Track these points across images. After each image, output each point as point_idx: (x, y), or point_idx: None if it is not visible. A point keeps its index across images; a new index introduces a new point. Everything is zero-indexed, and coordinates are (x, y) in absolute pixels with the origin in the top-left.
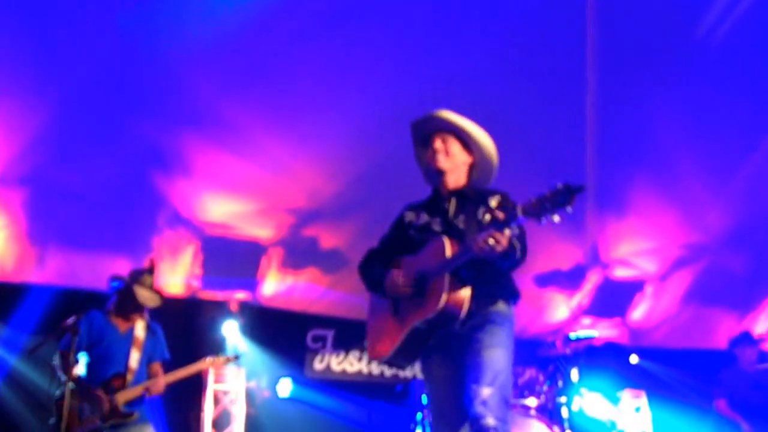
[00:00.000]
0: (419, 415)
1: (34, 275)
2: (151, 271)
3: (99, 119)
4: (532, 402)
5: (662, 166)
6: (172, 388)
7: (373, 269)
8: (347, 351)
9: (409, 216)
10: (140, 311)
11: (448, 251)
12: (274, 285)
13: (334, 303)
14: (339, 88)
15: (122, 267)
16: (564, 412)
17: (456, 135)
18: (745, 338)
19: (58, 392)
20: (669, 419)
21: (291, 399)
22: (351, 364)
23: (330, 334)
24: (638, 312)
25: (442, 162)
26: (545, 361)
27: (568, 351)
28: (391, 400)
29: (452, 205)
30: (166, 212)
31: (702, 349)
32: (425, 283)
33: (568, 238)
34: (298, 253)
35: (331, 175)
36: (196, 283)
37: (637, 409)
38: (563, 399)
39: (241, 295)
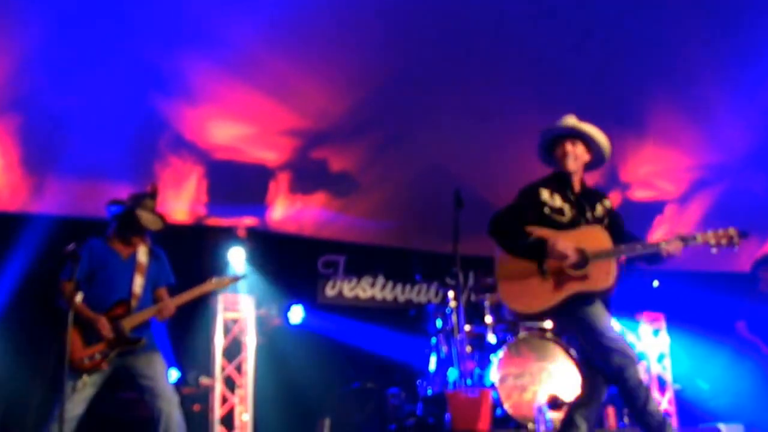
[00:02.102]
0: (433, 340)
1: (32, 205)
2: (152, 194)
3: (96, 41)
4: (548, 325)
5: (683, 84)
6: (181, 317)
7: (522, 234)
8: (359, 277)
9: (545, 195)
10: (142, 235)
11: (608, 242)
12: (282, 210)
13: (345, 227)
14: (347, 6)
15: (123, 194)
16: None
17: (582, 139)
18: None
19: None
20: (688, 343)
21: (302, 326)
22: (363, 290)
23: (341, 260)
24: (658, 234)
25: (571, 164)
26: None
27: None
28: (405, 325)
29: (579, 198)
30: (168, 137)
31: (724, 271)
32: (586, 259)
33: None
34: (307, 176)
35: (338, 96)
36: (201, 210)
37: (656, 333)
38: None
39: (248, 221)
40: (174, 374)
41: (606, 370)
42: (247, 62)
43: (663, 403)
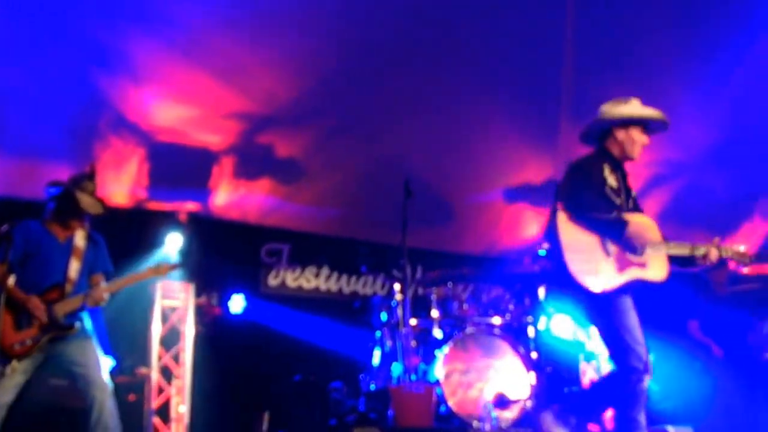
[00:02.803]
0: (378, 334)
1: None
2: (92, 176)
3: (36, 15)
4: (497, 321)
5: (644, 80)
6: (117, 303)
7: (608, 213)
8: (304, 266)
9: (607, 172)
10: (81, 218)
11: (659, 233)
12: (226, 195)
13: (290, 216)
14: None
15: (62, 175)
16: (530, 332)
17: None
18: (719, 261)
19: None
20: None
21: (244, 316)
22: (308, 280)
23: (286, 249)
24: None
25: (639, 154)
26: (512, 279)
27: (536, 269)
28: (350, 318)
29: (627, 185)
30: (110, 117)
31: (678, 270)
32: (644, 248)
33: (540, 151)
34: (252, 161)
35: (287, 81)
36: (142, 193)
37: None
38: (529, 319)
39: (190, 206)
40: (108, 362)
41: (617, 366)
42: (194, 43)
43: None
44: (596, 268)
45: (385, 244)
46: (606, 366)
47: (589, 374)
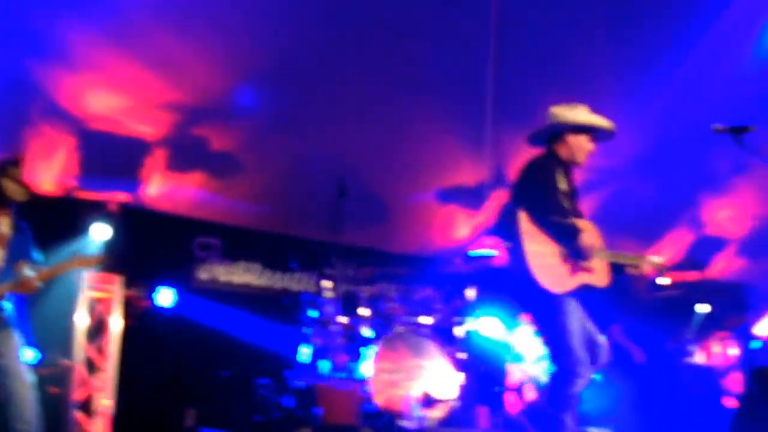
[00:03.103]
0: (307, 330)
1: None
2: (18, 162)
3: None
4: (426, 321)
5: (578, 87)
6: (42, 293)
7: (565, 218)
8: (235, 261)
9: (559, 176)
10: (6, 205)
11: (601, 240)
12: (158, 187)
13: (223, 210)
14: None
15: None
16: (458, 333)
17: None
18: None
19: None
20: None
21: (173, 310)
22: (239, 275)
23: (217, 243)
24: None
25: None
26: (443, 279)
27: (466, 270)
28: (280, 314)
29: (573, 190)
30: (41, 104)
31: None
32: (591, 255)
33: (473, 154)
34: (186, 153)
35: (224, 74)
36: (72, 182)
37: (535, 335)
38: (458, 319)
39: (121, 196)
40: (30, 354)
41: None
42: (131, 32)
43: None
44: (553, 269)
45: (318, 241)
46: (532, 367)
47: (515, 375)
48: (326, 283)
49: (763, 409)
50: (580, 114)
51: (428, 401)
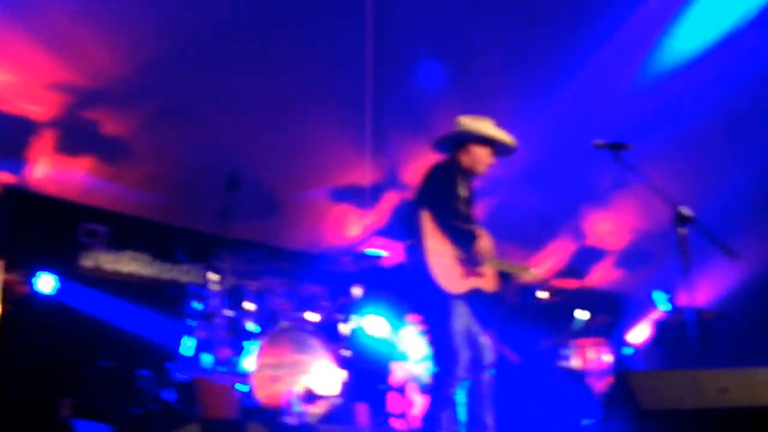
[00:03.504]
0: (191, 323)
1: None
2: None
3: None
4: (312, 317)
5: (483, 95)
6: None
7: (464, 223)
8: (122, 250)
9: (460, 183)
10: None
11: (493, 248)
12: (44, 169)
13: (112, 196)
14: None
15: None
16: (343, 330)
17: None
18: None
19: None
20: None
21: (55, 297)
22: (125, 264)
23: (104, 230)
24: None
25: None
26: (331, 277)
27: (354, 268)
28: (165, 305)
29: (471, 198)
30: None
31: None
32: (485, 261)
33: (373, 153)
34: (76, 136)
35: (120, 56)
36: None
37: (419, 334)
38: (344, 317)
39: (5, 177)
40: None
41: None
42: (21, 5)
43: (420, 404)
44: (450, 270)
45: (208, 233)
46: (416, 367)
47: (398, 374)
48: (213, 276)
49: (623, 411)
50: (486, 127)
51: (310, 397)
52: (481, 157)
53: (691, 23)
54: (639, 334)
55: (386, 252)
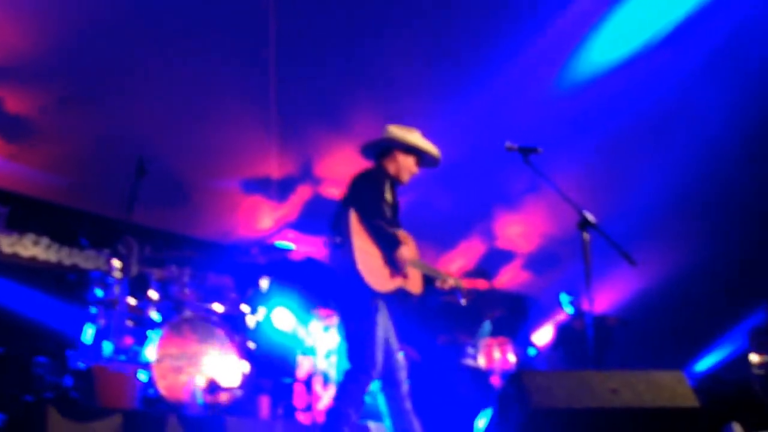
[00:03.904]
0: (93, 310)
1: None
2: None
3: None
4: (217, 308)
5: (393, 97)
6: None
7: (389, 228)
8: (22, 232)
9: (386, 188)
10: None
11: (417, 253)
12: None
13: (13, 177)
14: None
15: None
16: (249, 322)
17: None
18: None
19: None
20: None
21: None
22: (25, 247)
23: (4, 212)
24: None
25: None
26: (239, 268)
27: (262, 260)
28: (66, 291)
29: (396, 204)
30: None
31: None
32: (404, 267)
33: (285, 146)
34: None
35: (31, 34)
36: None
37: (326, 329)
38: (251, 309)
39: None
40: None
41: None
42: None
43: (325, 398)
44: (376, 270)
45: (113, 219)
46: (322, 361)
47: (305, 367)
48: (116, 263)
49: (516, 410)
50: (413, 137)
51: (212, 388)
52: (406, 166)
53: (608, 36)
54: (543, 335)
55: (296, 245)
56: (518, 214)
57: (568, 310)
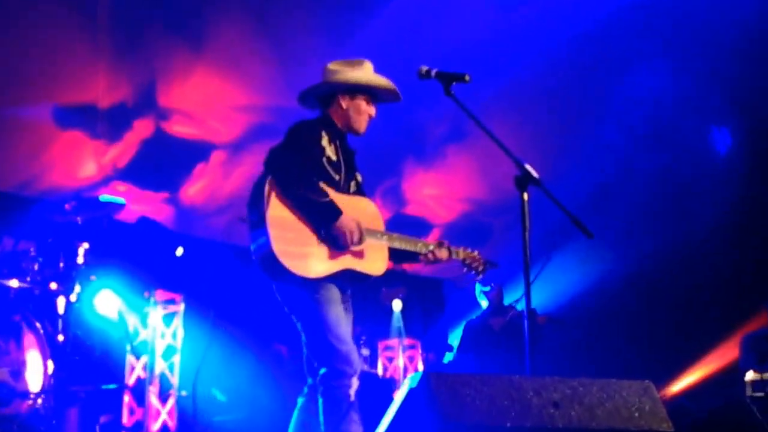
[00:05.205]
0: None
1: None
2: None
3: None
4: (13, 284)
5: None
6: None
7: (315, 189)
8: None
9: (325, 142)
10: None
11: (381, 222)
12: None
13: None
14: None
15: None
16: (59, 305)
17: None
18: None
19: None
20: (206, 338)
21: None
22: None
23: None
24: (195, 188)
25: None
26: (47, 230)
27: (80, 220)
28: None
29: (347, 159)
30: None
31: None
32: (361, 235)
33: (117, 63)
34: None
35: None
36: None
37: (168, 319)
38: (62, 288)
39: None
40: None
41: (319, 367)
42: None
43: (162, 414)
44: (305, 251)
45: None
46: (160, 362)
47: (137, 372)
48: None
49: (424, 416)
50: (354, 72)
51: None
52: (356, 109)
53: None
54: (456, 333)
55: (128, 201)
56: (434, 172)
57: (483, 303)
